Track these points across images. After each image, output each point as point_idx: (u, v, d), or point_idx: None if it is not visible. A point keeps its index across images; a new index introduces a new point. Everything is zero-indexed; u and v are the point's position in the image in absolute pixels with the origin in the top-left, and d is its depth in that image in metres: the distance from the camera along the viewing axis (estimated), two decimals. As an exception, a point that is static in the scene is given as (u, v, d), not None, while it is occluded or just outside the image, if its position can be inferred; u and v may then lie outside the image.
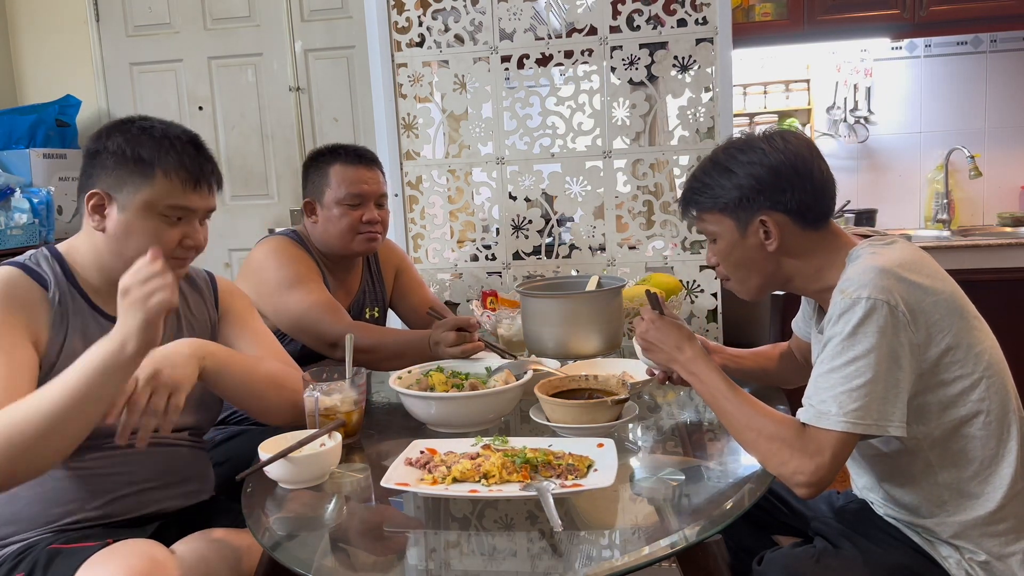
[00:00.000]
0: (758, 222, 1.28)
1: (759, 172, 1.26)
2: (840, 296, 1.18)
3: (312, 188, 1.95)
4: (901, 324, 1.15)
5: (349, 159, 1.93)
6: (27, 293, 1.25)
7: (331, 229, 1.92)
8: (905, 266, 1.19)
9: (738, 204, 1.28)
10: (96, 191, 1.27)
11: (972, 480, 1.22)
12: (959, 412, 1.21)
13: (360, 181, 1.92)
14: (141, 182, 1.26)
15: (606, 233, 2.45)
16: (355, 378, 1.43)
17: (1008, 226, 3.30)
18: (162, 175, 1.26)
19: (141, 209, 1.26)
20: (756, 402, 1.24)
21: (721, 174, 1.30)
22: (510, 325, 1.97)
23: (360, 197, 1.91)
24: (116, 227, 1.27)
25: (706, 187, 1.32)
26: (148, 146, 1.27)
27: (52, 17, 3.30)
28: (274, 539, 1.10)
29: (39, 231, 2.85)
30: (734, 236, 1.31)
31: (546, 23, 2.48)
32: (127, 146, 1.27)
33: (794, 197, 1.26)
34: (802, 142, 1.29)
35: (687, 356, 1.33)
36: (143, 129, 1.29)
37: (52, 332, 1.25)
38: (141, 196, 1.26)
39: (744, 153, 1.28)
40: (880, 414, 1.13)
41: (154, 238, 1.26)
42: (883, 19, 3.04)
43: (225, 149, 3.28)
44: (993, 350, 1.25)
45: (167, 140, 1.28)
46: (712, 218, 1.33)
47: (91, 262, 1.31)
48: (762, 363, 1.63)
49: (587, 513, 1.15)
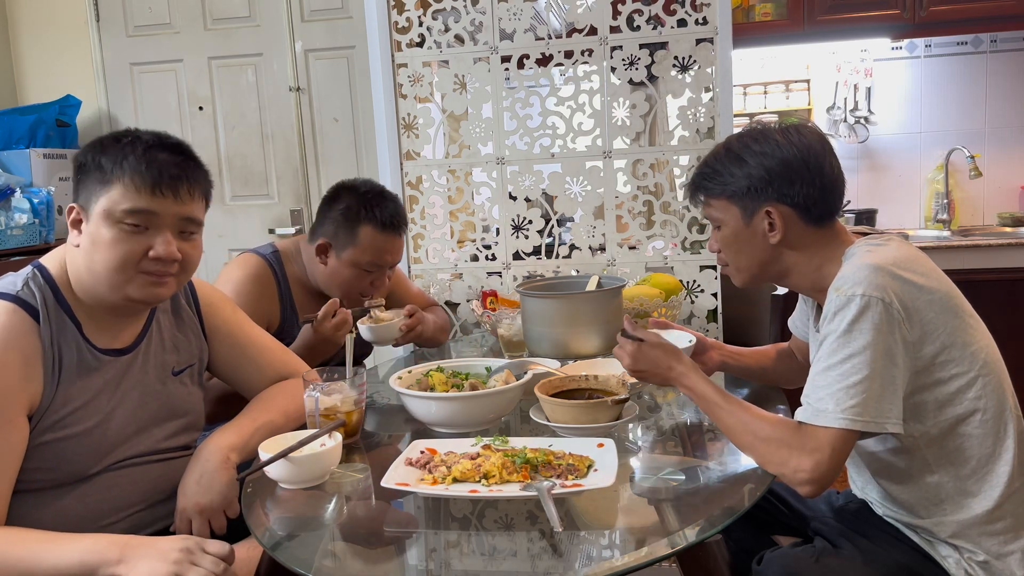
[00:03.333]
0: (763, 213, 1.28)
1: (770, 163, 1.27)
2: (835, 294, 1.18)
3: (333, 234, 1.85)
4: (896, 321, 1.15)
5: (384, 226, 1.84)
6: (23, 338, 1.17)
7: (337, 283, 1.87)
8: (900, 264, 1.19)
9: (746, 193, 1.29)
10: (72, 205, 1.22)
11: (969, 479, 1.22)
12: (955, 410, 1.21)
13: (386, 252, 1.86)
14: (100, 189, 1.19)
15: (606, 233, 2.45)
16: (355, 378, 1.43)
17: (1008, 226, 3.30)
18: (118, 180, 1.19)
19: (102, 218, 1.19)
20: (750, 407, 1.24)
21: (733, 162, 1.31)
22: (510, 325, 1.97)
23: (380, 267, 1.87)
24: (85, 240, 1.21)
25: (716, 173, 1.32)
26: (111, 152, 1.20)
27: (52, 17, 3.30)
28: (274, 539, 1.10)
29: (39, 231, 2.86)
30: (738, 224, 1.32)
31: (546, 23, 2.48)
32: (92, 155, 1.21)
33: (802, 191, 1.26)
34: (815, 136, 1.29)
35: (677, 372, 1.33)
36: (117, 139, 1.23)
37: (46, 379, 1.19)
38: (100, 204, 1.19)
39: (758, 143, 1.29)
40: (877, 411, 1.13)
41: (114, 248, 1.19)
42: (883, 19, 3.04)
43: (225, 149, 3.28)
44: (989, 348, 1.25)
45: (131, 146, 1.21)
46: (719, 204, 1.33)
47: (75, 281, 1.25)
48: (762, 362, 1.64)
49: (587, 513, 1.15)
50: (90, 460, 1.24)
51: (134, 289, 1.23)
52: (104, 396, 1.26)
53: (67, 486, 1.22)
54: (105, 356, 1.27)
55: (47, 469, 1.20)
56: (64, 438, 1.20)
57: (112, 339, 1.28)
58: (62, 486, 1.22)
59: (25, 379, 1.16)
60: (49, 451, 1.20)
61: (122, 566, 1.05)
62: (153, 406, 1.33)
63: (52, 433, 1.19)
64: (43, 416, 1.19)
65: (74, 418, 1.21)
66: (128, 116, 3.32)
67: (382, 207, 1.85)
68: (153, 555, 1.05)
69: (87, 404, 1.23)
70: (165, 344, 1.38)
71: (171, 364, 1.38)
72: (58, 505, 1.22)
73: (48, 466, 1.20)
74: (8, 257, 2.69)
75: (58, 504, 1.22)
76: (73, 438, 1.21)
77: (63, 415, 1.20)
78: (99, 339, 1.27)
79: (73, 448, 1.22)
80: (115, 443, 1.27)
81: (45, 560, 1.07)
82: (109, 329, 1.28)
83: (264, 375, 1.49)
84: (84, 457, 1.23)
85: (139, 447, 1.31)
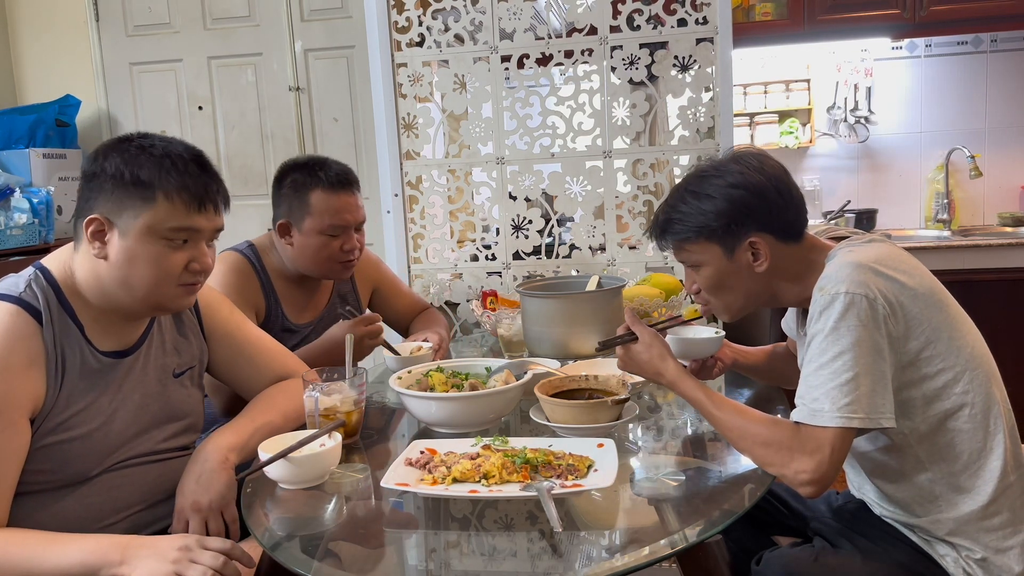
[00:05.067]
0: (746, 244, 1.28)
1: (741, 195, 1.26)
2: (819, 294, 1.19)
3: (288, 211, 1.85)
4: (881, 317, 1.15)
5: (331, 185, 1.83)
6: (25, 341, 1.16)
7: (308, 256, 1.86)
8: (882, 262, 1.20)
9: (726, 229, 1.27)
10: (95, 216, 1.19)
11: (961, 474, 1.22)
12: (943, 405, 1.21)
13: (343, 211, 1.84)
14: (142, 205, 1.19)
15: (606, 233, 2.45)
16: (355, 378, 1.43)
17: (1008, 226, 3.30)
18: (163, 197, 1.19)
19: (143, 234, 1.19)
20: (745, 409, 1.24)
21: (700, 200, 1.29)
22: (510, 325, 1.97)
23: (342, 228, 1.85)
24: (118, 254, 1.20)
25: (685, 216, 1.30)
26: (148, 167, 1.19)
27: (52, 17, 3.30)
28: (274, 539, 1.10)
29: (39, 231, 2.86)
30: (721, 262, 1.30)
31: (546, 23, 2.48)
32: (125, 167, 1.19)
33: (780, 216, 1.27)
34: (774, 162, 1.30)
35: (668, 380, 1.34)
36: (142, 148, 1.21)
37: (49, 382, 1.19)
38: (143, 220, 1.19)
39: (720, 177, 1.28)
40: (871, 407, 1.14)
41: (158, 263, 1.21)
42: (883, 19, 3.04)
43: (225, 149, 3.28)
44: (975, 343, 1.25)
45: (168, 159, 1.21)
46: (695, 247, 1.31)
47: (91, 289, 1.23)
48: (769, 361, 1.64)
49: (587, 513, 1.15)
50: (91, 462, 1.24)
51: (170, 300, 1.25)
52: (106, 398, 1.26)
53: (68, 488, 1.22)
54: (107, 358, 1.27)
55: (48, 471, 1.20)
56: (66, 440, 1.20)
57: (114, 341, 1.28)
58: (63, 488, 1.22)
59: (27, 382, 1.16)
60: (51, 453, 1.19)
61: (124, 567, 1.05)
62: (154, 408, 1.33)
63: (54, 435, 1.19)
64: (46, 419, 1.19)
65: (76, 420, 1.21)
66: (128, 116, 3.33)
67: (326, 169, 1.85)
68: (154, 555, 1.05)
69: (89, 406, 1.23)
70: (166, 346, 1.38)
71: (172, 366, 1.38)
72: (58, 506, 1.22)
73: (50, 468, 1.20)
74: (8, 257, 2.69)
75: (58, 505, 1.22)
76: (75, 440, 1.21)
77: (66, 417, 1.20)
78: (101, 341, 1.26)
79: (75, 450, 1.21)
80: (116, 445, 1.27)
81: (46, 561, 1.07)
82: (112, 332, 1.28)
83: (263, 376, 1.49)
84: (85, 459, 1.23)
85: (139, 448, 1.31)
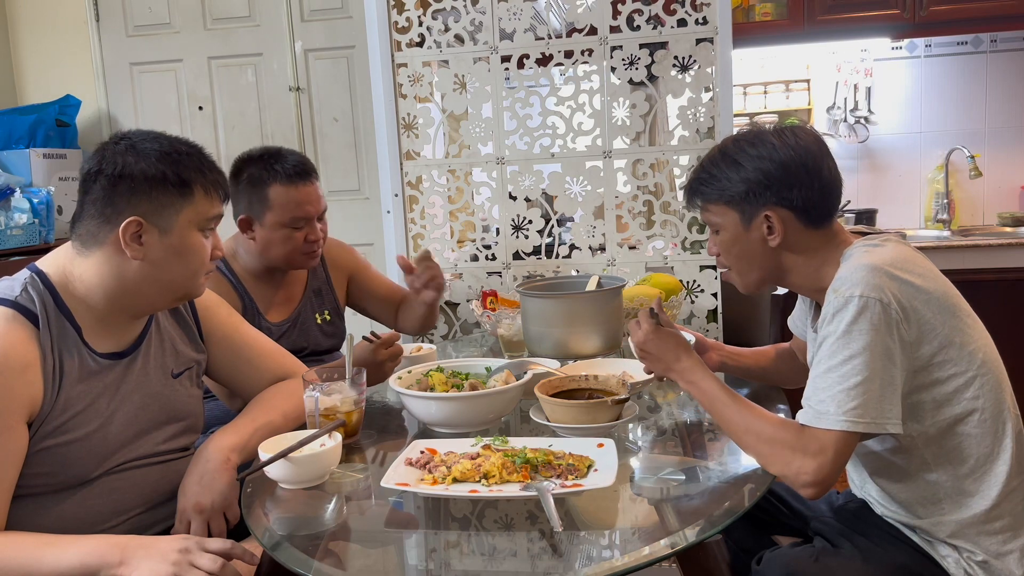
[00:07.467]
0: (762, 217, 1.28)
1: (767, 167, 1.26)
2: (833, 295, 1.19)
3: (248, 206, 1.86)
4: (894, 321, 1.15)
5: (289, 178, 1.83)
6: (22, 345, 1.16)
7: (273, 249, 1.87)
8: (896, 264, 1.20)
9: (744, 197, 1.28)
10: (135, 219, 1.19)
11: (967, 478, 1.22)
12: (953, 410, 1.21)
13: (303, 203, 1.84)
14: (181, 201, 1.23)
15: (606, 233, 2.45)
16: (355, 378, 1.43)
17: (1008, 226, 3.30)
18: (201, 191, 1.25)
19: (186, 228, 1.24)
20: (754, 407, 1.24)
21: (729, 166, 1.30)
22: (510, 325, 1.97)
23: (304, 220, 1.86)
24: (160, 252, 1.23)
25: (713, 178, 1.32)
26: (186, 165, 1.24)
27: (52, 17, 3.30)
28: (274, 539, 1.10)
29: (39, 231, 2.85)
30: (737, 229, 1.31)
31: (546, 23, 2.48)
32: (164, 167, 1.21)
33: (801, 194, 1.26)
34: (812, 138, 1.29)
35: (684, 366, 1.34)
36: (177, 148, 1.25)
37: (46, 385, 1.18)
38: (184, 216, 1.24)
39: (754, 147, 1.28)
40: (878, 412, 1.13)
41: (199, 255, 1.27)
42: (883, 19, 3.04)
43: (225, 149, 3.28)
44: (987, 348, 1.25)
45: (198, 157, 1.27)
46: (717, 209, 1.33)
47: (104, 291, 1.23)
48: (762, 362, 1.63)
49: (587, 513, 1.15)
50: (91, 464, 1.23)
51: (198, 287, 1.32)
52: (104, 400, 1.26)
53: (67, 490, 1.22)
54: (105, 360, 1.26)
55: (47, 474, 1.20)
56: (65, 443, 1.20)
57: (112, 342, 1.28)
58: (62, 491, 1.22)
59: (24, 386, 1.15)
60: (50, 456, 1.19)
61: (123, 568, 1.05)
62: (153, 409, 1.33)
63: (53, 439, 1.19)
64: (43, 422, 1.18)
65: (75, 423, 1.21)
66: (128, 116, 3.32)
67: (282, 162, 1.85)
68: (153, 555, 1.05)
69: (87, 408, 1.23)
70: (164, 346, 1.38)
71: (170, 366, 1.37)
72: (58, 509, 1.22)
73: (48, 471, 1.20)
74: (7, 257, 2.69)
75: (58, 508, 1.22)
76: (74, 443, 1.21)
77: (64, 420, 1.20)
78: (99, 343, 1.26)
79: (74, 453, 1.21)
80: (115, 447, 1.26)
81: (46, 563, 1.07)
82: (110, 333, 1.28)
83: (262, 376, 1.49)
84: (85, 461, 1.23)
85: (139, 450, 1.30)
